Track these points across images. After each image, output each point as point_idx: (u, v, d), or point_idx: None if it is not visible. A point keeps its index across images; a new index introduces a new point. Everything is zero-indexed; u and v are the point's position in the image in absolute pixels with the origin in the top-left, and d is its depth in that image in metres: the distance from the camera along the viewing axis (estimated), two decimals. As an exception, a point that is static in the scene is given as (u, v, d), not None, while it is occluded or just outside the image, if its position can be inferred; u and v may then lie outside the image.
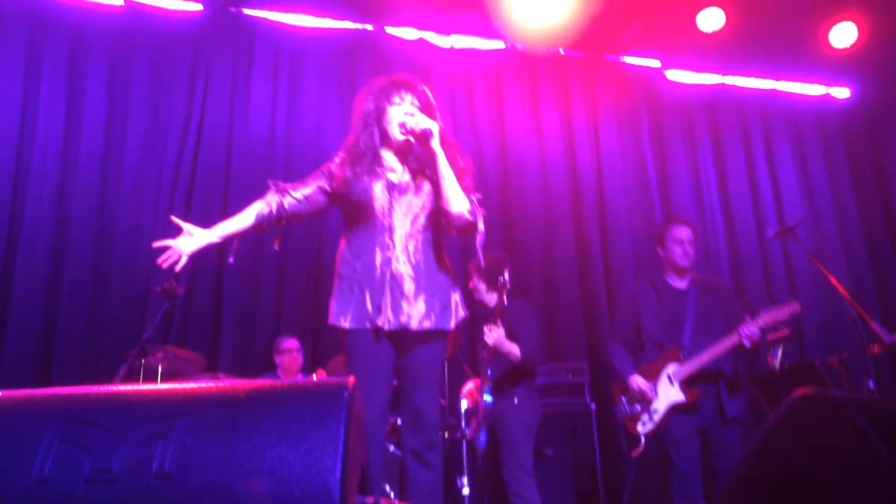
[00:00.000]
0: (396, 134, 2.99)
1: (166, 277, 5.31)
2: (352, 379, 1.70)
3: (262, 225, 3.07)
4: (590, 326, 6.79)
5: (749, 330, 4.10)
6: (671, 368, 4.23)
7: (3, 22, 6.16)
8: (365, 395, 2.81)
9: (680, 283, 4.49)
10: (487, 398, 4.53)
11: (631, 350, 4.46)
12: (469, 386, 4.67)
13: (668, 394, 4.20)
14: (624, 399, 4.37)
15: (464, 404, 4.59)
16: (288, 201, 3.04)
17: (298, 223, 3.30)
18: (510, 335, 4.56)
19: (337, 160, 3.09)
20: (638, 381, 4.25)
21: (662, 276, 4.55)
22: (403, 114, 2.99)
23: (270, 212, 3.05)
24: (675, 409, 4.18)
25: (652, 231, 7.18)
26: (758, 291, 7.12)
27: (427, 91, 3.11)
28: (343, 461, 1.56)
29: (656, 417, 4.19)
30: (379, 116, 3.04)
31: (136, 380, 4.58)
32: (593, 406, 5.63)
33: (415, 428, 2.91)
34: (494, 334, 4.38)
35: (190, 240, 3.02)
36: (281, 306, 6.22)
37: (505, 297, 4.34)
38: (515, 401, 4.58)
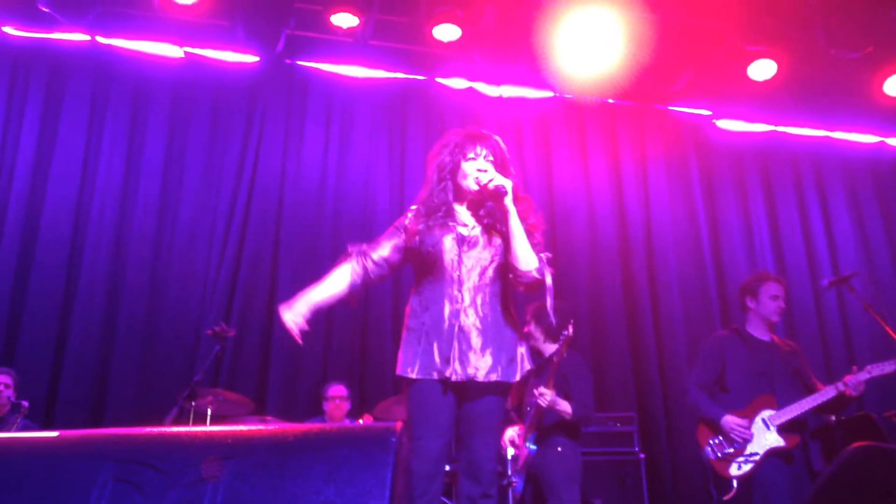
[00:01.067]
0: (471, 186, 3.03)
1: (217, 321, 5.42)
2: (399, 424, 1.71)
3: (355, 296, 3.13)
4: (638, 375, 6.70)
5: (856, 380, 4.12)
6: (766, 413, 4.22)
7: (69, 76, 6.43)
8: (423, 441, 2.82)
9: (765, 336, 4.50)
10: (531, 446, 4.48)
11: (709, 395, 4.43)
12: (511, 433, 4.63)
13: (765, 438, 4.17)
14: (712, 442, 4.29)
15: (510, 452, 4.56)
16: (371, 269, 3.10)
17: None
18: (565, 390, 4.53)
19: (410, 214, 3.13)
20: (734, 420, 4.21)
21: (746, 328, 4.55)
22: (477, 169, 3.02)
23: (362, 282, 3.11)
24: (772, 455, 4.14)
25: (704, 281, 7.11)
26: (812, 342, 6.96)
27: (501, 144, 3.14)
28: (389, 506, 1.56)
29: (754, 460, 4.14)
30: (454, 170, 3.07)
31: (186, 422, 4.64)
32: (642, 455, 5.54)
33: (471, 477, 2.89)
34: (548, 397, 4.35)
35: (296, 315, 3.14)
36: (328, 351, 6.26)
37: (565, 351, 4.34)
38: (559, 449, 4.52)
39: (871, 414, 5.26)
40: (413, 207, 3.16)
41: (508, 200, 2.91)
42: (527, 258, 2.93)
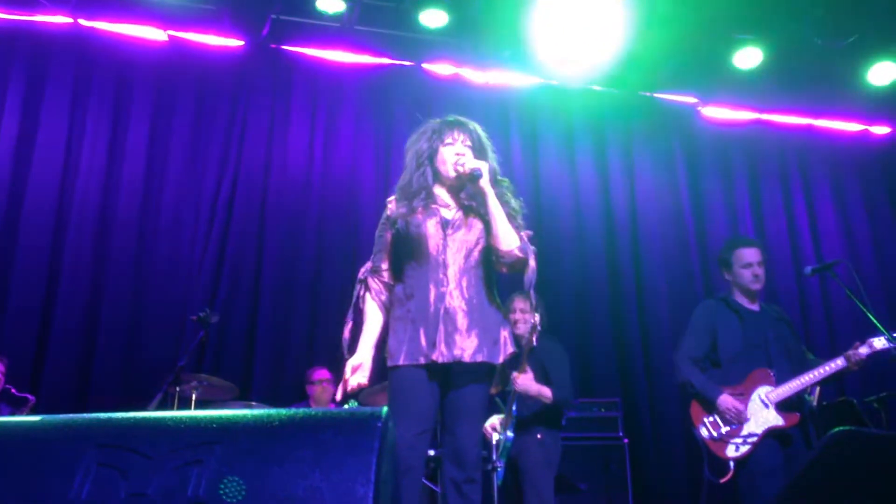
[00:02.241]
0: (449, 172, 3.05)
1: (201, 306, 5.41)
2: (385, 409, 1.71)
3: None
4: (622, 361, 6.74)
5: (859, 354, 3.99)
6: (763, 390, 4.05)
7: (51, 59, 6.36)
8: (402, 428, 2.82)
9: (753, 306, 4.34)
10: (509, 434, 4.51)
11: (701, 369, 4.22)
12: (493, 419, 4.65)
13: (763, 416, 4.00)
14: (707, 421, 4.09)
15: (495, 437, 4.58)
16: (387, 283, 3.14)
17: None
18: (544, 377, 4.56)
19: (390, 205, 3.14)
20: (731, 400, 4.03)
21: (734, 298, 4.36)
22: (455, 154, 3.06)
23: (387, 297, 3.14)
24: (769, 435, 3.97)
25: (688, 267, 7.14)
26: (795, 328, 7.01)
27: (480, 130, 3.18)
28: (375, 491, 1.56)
29: (752, 441, 3.96)
30: (432, 156, 3.11)
31: (170, 407, 4.63)
32: (626, 440, 5.59)
33: (455, 462, 2.91)
34: (521, 380, 4.38)
35: (361, 373, 3.04)
36: (314, 336, 6.26)
37: (535, 339, 4.34)
38: (538, 436, 4.56)
39: (852, 399, 5.31)
40: (391, 198, 3.18)
41: (484, 182, 2.96)
42: (508, 237, 2.96)
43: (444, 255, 2.98)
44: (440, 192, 3.11)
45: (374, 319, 3.12)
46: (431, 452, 4.39)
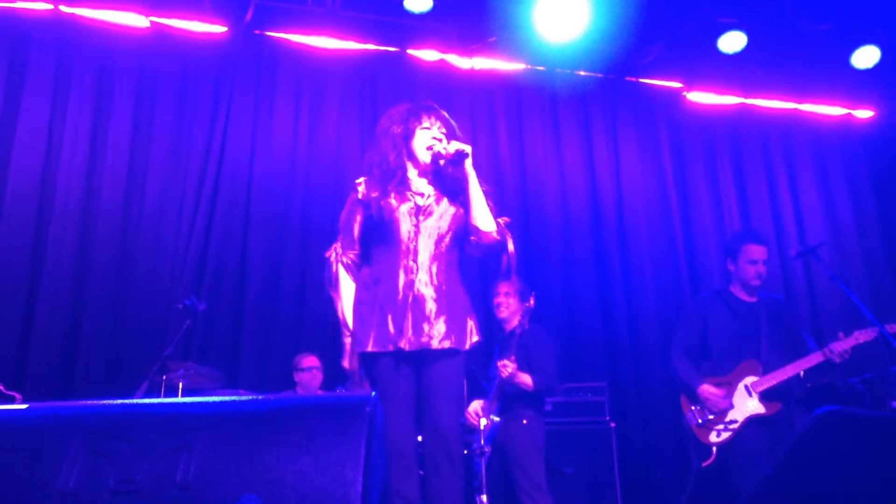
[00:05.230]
0: (424, 156, 3.07)
1: (187, 294, 5.38)
2: (374, 394, 1.72)
3: None
4: (609, 346, 6.76)
5: (841, 347, 4.11)
6: (749, 380, 4.19)
7: (32, 46, 6.27)
8: (390, 402, 2.86)
9: (750, 298, 4.46)
10: (494, 418, 4.54)
11: (693, 360, 4.38)
12: (475, 405, 4.68)
13: (746, 405, 4.14)
14: (693, 409, 4.27)
15: (483, 422, 4.60)
16: (356, 262, 3.14)
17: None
18: (527, 362, 4.59)
19: (360, 187, 3.13)
20: (708, 390, 4.19)
21: (729, 290, 4.50)
22: (431, 138, 3.10)
23: (355, 276, 3.14)
24: (752, 422, 4.12)
25: (674, 252, 7.17)
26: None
27: (451, 120, 3.24)
28: (364, 475, 1.57)
29: (733, 427, 4.12)
30: (407, 137, 3.13)
31: (157, 396, 4.61)
32: (613, 425, 5.62)
33: (437, 447, 2.92)
34: (509, 369, 4.43)
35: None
36: (301, 323, 6.25)
37: (527, 322, 4.39)
38: (524, 421, 4.60)
39: (836, 381, 5.35)
40: (360, 180, 3.17)
41: (469, 164, 3.00)
42: (487, 220, 3.03)
43: (416, 241, 2.99)
44: (413, 176, 3.13)
45: (351, 292, 3.13)
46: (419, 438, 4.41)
